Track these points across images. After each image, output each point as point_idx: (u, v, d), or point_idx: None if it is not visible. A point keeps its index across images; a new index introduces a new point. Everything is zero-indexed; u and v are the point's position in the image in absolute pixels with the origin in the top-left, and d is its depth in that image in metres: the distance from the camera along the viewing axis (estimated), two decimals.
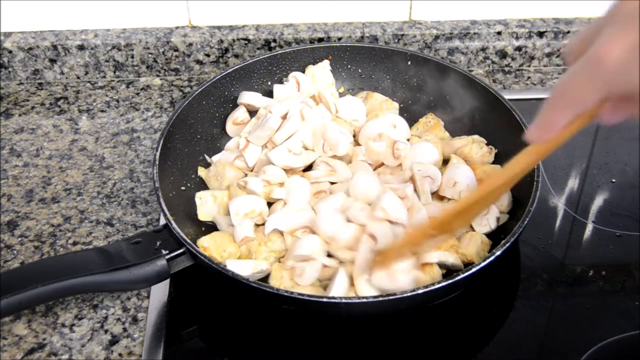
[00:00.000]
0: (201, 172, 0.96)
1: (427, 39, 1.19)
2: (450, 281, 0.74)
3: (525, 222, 0.80)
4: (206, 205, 0.90)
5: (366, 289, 0.78)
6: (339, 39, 1.18)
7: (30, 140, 1.07)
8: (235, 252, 0.84)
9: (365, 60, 1.07)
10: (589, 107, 0.55)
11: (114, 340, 0.80)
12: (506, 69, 1.23)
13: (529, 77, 1.21)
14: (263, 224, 0.87)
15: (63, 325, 0.82)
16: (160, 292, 0.85)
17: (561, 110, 0.57)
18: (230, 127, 1.01)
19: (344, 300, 0.74)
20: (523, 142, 0.92)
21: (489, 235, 0.87)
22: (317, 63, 1.05)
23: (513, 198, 0.90)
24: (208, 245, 0.83)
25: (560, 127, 0.58)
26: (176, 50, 1.18)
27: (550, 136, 0.59)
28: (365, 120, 1.00)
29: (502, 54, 1.21)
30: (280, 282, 0.80)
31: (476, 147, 0.96)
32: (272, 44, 1.18)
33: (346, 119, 1.00)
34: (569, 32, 1.19)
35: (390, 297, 0.73)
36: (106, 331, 0.81)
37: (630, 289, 0.86)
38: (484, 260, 0.75)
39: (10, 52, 1.15)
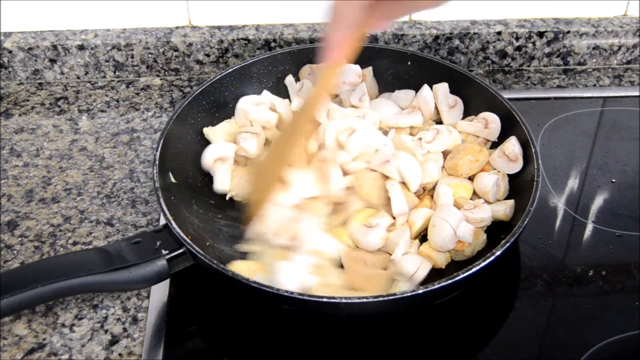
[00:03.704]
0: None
1: (427, 39, 1.19)
2: (450, 281, 0.74)
3: (525, 222, 0.80)
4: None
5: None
6: None
7: (30, 140, 1.07)
8: None
9: (365, 60, 1.06)
10: (359, 19, 0.70)
11: (114, 340, 0.80)
12: (506, 69, 1.23)
13: (529, 77, 1.21)
14: None
15: (63, 325, 0.82)
16: (160, 292, 0.85)
17: (340, 29, 0.71)
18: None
19: (343, 300, 0.73)
20: (523, 141, 0.93)
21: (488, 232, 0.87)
22: (316, 63, 1.05)
23: (513, 197, 0.90)
24: (240, 271, 0.81)
25: (344, 43, 0.72)
26: (176, 50, 1.18)
27: (339, 53, 0.73)
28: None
29: (502, 54, 1.21)
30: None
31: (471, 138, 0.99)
32: (272, 44, 1.18)
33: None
34: (569, 32, 1.19)
35: (390, 297, 0.73)
36: (106, 331, 0.81)
37: (630, 289, 0.86)
38: (484, 260, 0.75)
39: (10, 52, 1.15)
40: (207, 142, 0.99)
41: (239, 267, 0.82)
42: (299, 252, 0.82)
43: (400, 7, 0.72)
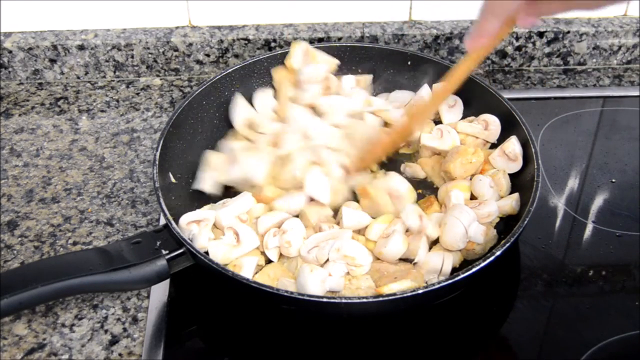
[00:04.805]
0: None
1: (427, 39, 1.19)
2: (450, 281, 0.74)
3: (525, 222, 0.80)
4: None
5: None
6: (339, 39, 1.18)
7: (30, 140, 1.07)
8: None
9: (365, 61, 1.07)
10: (512, 12, 0.72)
11: (114, 340, 0.80)
12: (506, 69, 1.23)
13: (529, 77, 1.21)
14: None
15: (63, 325, 0.82)
16: (160, 292, 0.85)
17: (491, 19, 0.73)
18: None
19: (343, 300, 0.74)
20: (523, 141, 0.93)
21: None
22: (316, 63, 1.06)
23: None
24: (263, 282, 0.81)
25: (492, 33, 0.74)
26: (176, 50, 1.18)
27: (484, 42, 0.76)
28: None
29: (502, 54, 1.21)
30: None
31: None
32: (272, 44, 1.18)
33: None
34: (569, 32, 1.19)
35: (390, 297, 0.73)
36: (106, 331, 0.81)
37: (630, 289, 0.86)
38: (484, 260, 0.75)
39: (10, 52, 1.15)
40: (208, 144, 0.99)
41: (259, 278, 0.82)
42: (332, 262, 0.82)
43: (558, 6, 0.72)
